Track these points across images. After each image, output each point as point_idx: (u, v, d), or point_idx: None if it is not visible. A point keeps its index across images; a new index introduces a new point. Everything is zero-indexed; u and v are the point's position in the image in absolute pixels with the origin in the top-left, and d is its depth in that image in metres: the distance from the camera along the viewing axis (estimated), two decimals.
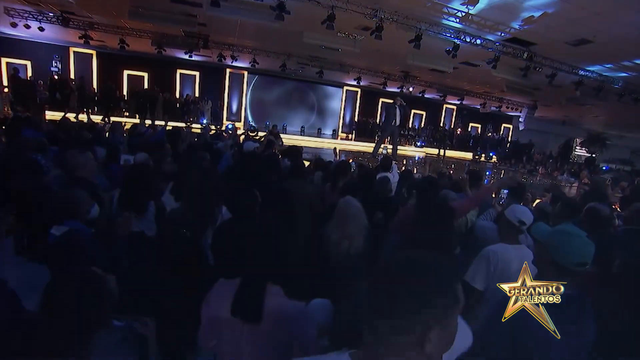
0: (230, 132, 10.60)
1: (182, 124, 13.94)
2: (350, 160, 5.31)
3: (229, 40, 13.46)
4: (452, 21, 8.41)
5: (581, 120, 16.63)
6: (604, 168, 13.51)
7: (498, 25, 8.26)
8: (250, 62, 14.72)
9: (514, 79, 11.62)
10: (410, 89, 16.95)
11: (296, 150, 4.80)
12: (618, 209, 3.78)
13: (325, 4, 7.84)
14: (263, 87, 18.42)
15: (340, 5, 7.95)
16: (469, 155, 17.77)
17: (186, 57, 14.41)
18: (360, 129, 19.11)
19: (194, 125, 14.02)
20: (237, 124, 17.38)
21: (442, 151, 16.18)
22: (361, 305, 0.87)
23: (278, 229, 1.48)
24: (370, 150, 14.57)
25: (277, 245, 1.43)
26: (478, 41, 9.09)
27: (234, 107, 18.28)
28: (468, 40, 9.03)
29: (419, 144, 16.78)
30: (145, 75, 16.79)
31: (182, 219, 1.72)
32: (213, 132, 9.51)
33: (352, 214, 2.19)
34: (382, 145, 10.67)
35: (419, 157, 14.00)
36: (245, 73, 17.81)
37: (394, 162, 4.83)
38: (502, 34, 8.69)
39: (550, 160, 13.87)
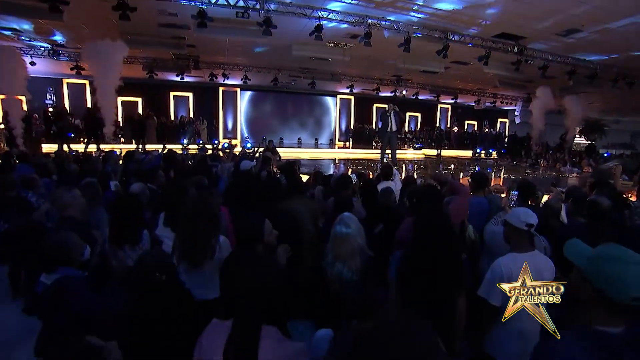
0: (227, 151, 10.60)
1: (179, 146, 14.09)
2: (349, 171, 5.19)
3: (219, 59, 13.49)
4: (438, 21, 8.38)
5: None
6: (605, 154, 13.36)
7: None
8: (242, 79, 14.75)
9: (506, 74, 11.57)
10: (404, 92, 16.95)
11: (292, 166, 4.67)
12: (633, 199, 3.60)
13: (312, 16, 7.83)
14: (257, 103, 18.47)
15: (327, 16, 7.95)
16: (467, 153, 17.66)
17: (178, 79, 14.43)
18: (357, 136, 19.07)
19: (190, 147, 14.05)
20: (234, 141, 17.41)
21: (440, 151, 16.10)
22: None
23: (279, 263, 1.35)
24: (368, 156, 14.62)
25: (279, 281, 1.30)
26: (467, 39, 9.05)
27: (230, 125, 18.27)
28: (457, 39, 8.99)
29: (417, 146, 16.69)
30: (139, 100, 16.82)
31: (156, 260, 1.58)
32: (210, 151, 9.46)
33: (345, 234, 2.06)
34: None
35: (417, 160, 13.90)
36: (238, 90, 17.86)
37: (395, 168, 4.71)
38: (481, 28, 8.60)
39: (551, 152, 13.74)
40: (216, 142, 14.14)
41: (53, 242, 1.93)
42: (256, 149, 9.45)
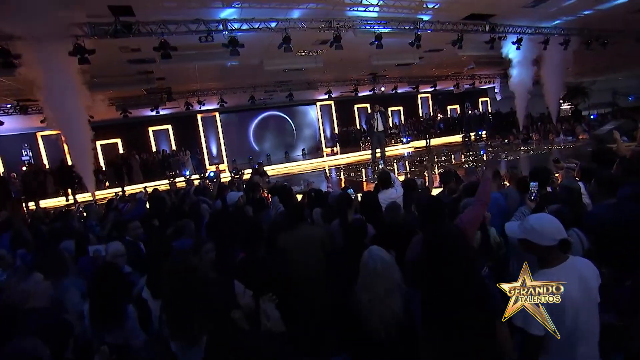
0: (214, 180, 10.25)
1: (165, 181, 13.68)
2: (342, 181, 4.86)
3: (192, 87, 13.23)
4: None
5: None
6: (592, 117, 13.27)
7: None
8: (218, 103, 14.50)
9: (481, 54, 11.47)
10: (382, 89, 16.85)
11: (287, 191, 4.33)
12: None
13: (278, 28, 7.59)
14: (238, 124, 18.20)
15: (293, 26, 7.73)
16: (457, 138, 17.54)
17: (154, 113, 14.04)
18: (343, 140, 18.91)
19: (177, 180, 13.67)
20: (221, 166, 17.04)
21: (428, 141, 15.92)
22: None
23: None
24: (358, 159, 14.40)
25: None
26: (438, 26, 8.90)
27: (214, 150, 17.94)
28: (427, 27, 8.83)
29: (404, 140, 16.51)
30: (118, 140, 16.37)
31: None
32: (197, 182, 9.11)
33: (379, 270, 1.74)
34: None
35: (408, 154, 13.68)
36: (217, 114, 17.60)
37: (392, 172, 4.41)
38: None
39: (540, 124, 13.62)
40: (202, 173, 13.71)
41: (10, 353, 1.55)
42: (241, 173, 9.09)
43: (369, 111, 9.86)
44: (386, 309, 1.75)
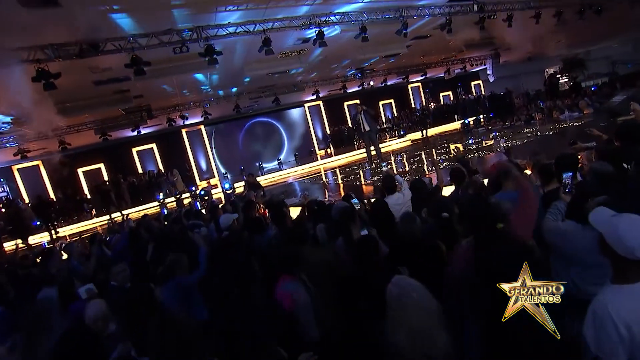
0: (206, 198, 9.93)
1: (155, 203, 13.30)
2: (341, 187, 4.57)
3: (172, 101, 12.93)
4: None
5: (545, 50, 16.49)
6: (592, 88, 13.11)
7: None
8: (202, 115, 14.20)
9: (471, 36, 11.29)
10: (371, 83, 16.64)
11: (279, 209, 4.03)
12: None
13: (256, 31, 7.34)
14: (225, 134, 17.90)
15: (272, 27, 7.47)
16: (453, 126, 17.37)
17: (135, 133, 13.68)
18: (336, 140, 18.69)
19: (168, 200, 13.30)
20: (212, 180, 16.70)
21: (425, 132, 15.72)
22: None
23: None
24: (354, 158, 14.14)
25: None
26: (424, 12, 8.68)
27: (203, 165, 17.59)
28: (413, 14, 8.62)
29: (401, 133, 16.28)
30: (102, 165, 15.95)
31: None
32: (189, 198, 8.77)
33: (416, 302, 1.51)
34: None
35: (405, 148, 13.46)
36: (202, 127, 17.27)
37: (396, 174, 4.14)
38: None
39: (540, 102, 13.44)
40: (193, 188, 13.37)
41: None
42: (235, 189, 8.80)
43: (355, 111, 9.71)
44: (431, 345, 1.47)
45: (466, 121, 12.57)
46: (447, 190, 4.16)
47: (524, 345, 1.35)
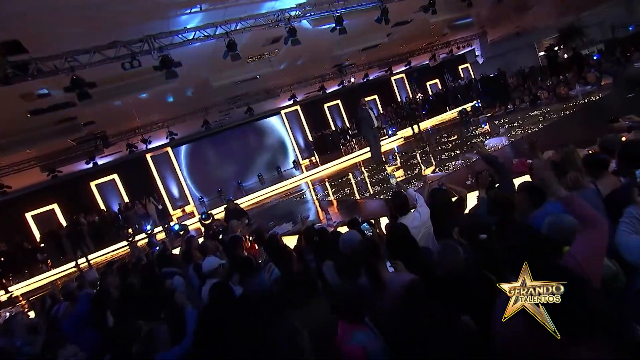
0: (181, 232, 9.33)
1: (124, 243, 12.56)
2: (335, 208, 4.14)
3: (131, 124, 12.33)
4: None
5: (534, 24, 16.65)
6: (594, 57, 13.14)
7: None
8: (167, 137, 13.74)
9: (455, 15, 11.28)
10: (352, 80, 16.46)
11: (279, 244, 3.58)
12: None
13: (217, 35, 7.00)
14: (196, 154, 17.43)
15: (235, 29, 7.15)
16: (446, 116, 17.27)
17: (91, 165, 12.97)
18: (320, 147, 18.45)
19: (138, 238, 12.61)
20: (187, 208, 16.34)
21: (418, 127, 15.52)
22: None
23: None
24: (343, 166, 13.82)
25: None
26: None
27: (175, 192, 16.99)
28: None
29: (390, 132, 16.04)
30: (55, 206, 15.04)
31: None
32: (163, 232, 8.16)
33: None
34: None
35: (398, 148, 13.18)
36: (169, 149, 16.74)
37: (409, 188, 3.74)
38: None
39: (540, 79, 13.38)
40: (166, 226, 12.73)
41: None
42: (214, 217, 8.29)
43: (362, 107, 9.85)
44: None
45: (463, 109, 12.36)
46: (472, 199, 3.78)
47: None
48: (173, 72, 6.45)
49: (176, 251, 7.46)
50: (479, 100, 14.80)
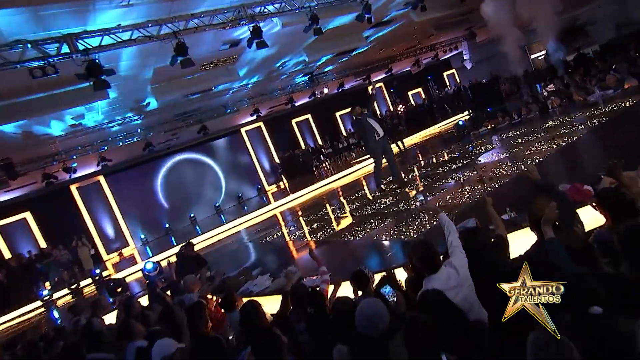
0: (119, 290, 8.32)
1: (38, 303, 11.28)
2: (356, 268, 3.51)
3: (50, 149, 11.50)
4: None
5: (526, 22, 17.31)
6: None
7: None
8: (99, 163, 13.12)
9: (444, 13, 11.62)
10: (325, 90, 16.42)
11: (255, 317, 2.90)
12: None
13: (161, 36, 6.62)
14: (137, 184, 16.73)
15: (185, 28, 6.84)
16: (436, 129, 17.33)
17: None
18: (289, 169, 18.22)
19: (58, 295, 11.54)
20: (126, 250, 15.58)
21: (401, 144, 15.37)
22: None
23: None
24: (320, 191, 13.67)
25: None
26: None
27: (109, 230, 16.00)
28: None
29: None
30: None
31: None
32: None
33: None
34: None
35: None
36: (101, 178, 15.90)
37: (441, 212, 3.21)
38: None
39: (537, 85, 13.68)
40: (96, 272, 11.59)
41: None
42: (161, 267, 7.43)
43: (353, 117, 9.20)
44: None
45: (461, 122, 12.28)
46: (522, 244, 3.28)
47: None
48: (103, 82, 5.94)
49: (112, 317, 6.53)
50: (470, 111, 14.94)
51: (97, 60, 5.93)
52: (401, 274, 3.94)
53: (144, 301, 6.51)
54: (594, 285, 1.83)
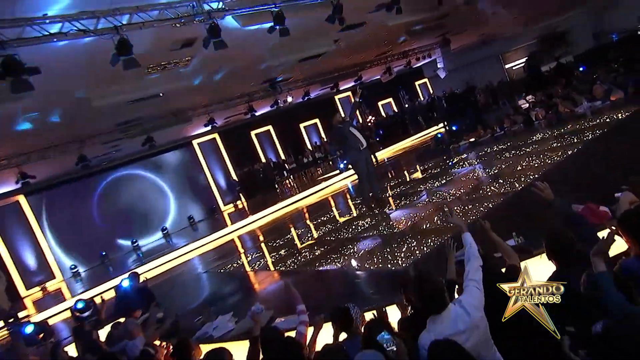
0: (42, 335, 7.60)
1: None
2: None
3: None
4: None
5: (501, 30, 18.12)
6: (580, 69, 14.26)
7: None
8: (18, 180, 12.39)
9: (420, 17, 11.82)
10: (289, 99, 16.41)
11: None
12: None
13: (101, 30, 6.35)
14: (67, 204, 16.17)
15: (129, 23, 6.64)
16: (410, 142, 17.54)
17: None
18: (248, 186, 18.11)
19: None
20: (51, 284, 14.82)
21: (373, 158, 15.48)
22: None
23: None
24: (286, 211, 13.56)
25: None
26: None
27: (29, 260, 15.21)
28: None
29: (342, 166, 15.78)
30: None
31: None
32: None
33: None
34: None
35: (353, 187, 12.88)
36: (21, 197, 15.21)
37: (466, 231, 3.03)
38: None
39: (521, 95, 14.24)
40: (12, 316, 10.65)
41: None
42: (96, 305, 6.83)
43: (337, 125, 8.98)
44: None
45: (439, 135, 12.48)
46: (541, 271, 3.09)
47: None
48: (24, 83, 5.54)
49: None
50: (445, 123, 15.32)
51: (16, 57, 5.49)
52: (393, 311, 3.71)
53: (73, 351, 5.95)
54: None
